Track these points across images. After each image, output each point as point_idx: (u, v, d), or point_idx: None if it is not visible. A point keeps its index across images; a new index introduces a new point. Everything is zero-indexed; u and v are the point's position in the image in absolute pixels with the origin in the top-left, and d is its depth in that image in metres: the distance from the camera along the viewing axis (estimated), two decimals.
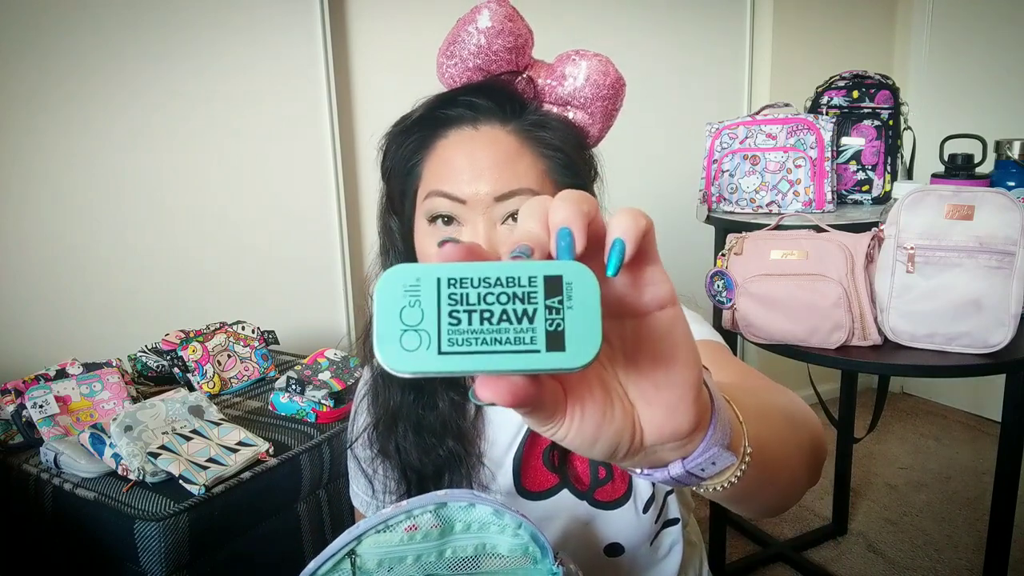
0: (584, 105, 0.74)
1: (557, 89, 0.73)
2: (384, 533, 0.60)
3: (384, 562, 0.60)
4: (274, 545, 1.18)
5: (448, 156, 0.70)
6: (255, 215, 1.78)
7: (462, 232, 0.70)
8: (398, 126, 0.75)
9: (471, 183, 0.68)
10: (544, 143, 0.71)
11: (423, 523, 0.60)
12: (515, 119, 0.71)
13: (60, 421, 1.20)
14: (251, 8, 1.70)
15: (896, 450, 2.49)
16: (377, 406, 0.81)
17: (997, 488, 1.28)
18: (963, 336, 1.12)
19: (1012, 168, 1.42)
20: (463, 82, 0.73)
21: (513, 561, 0.61)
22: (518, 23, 0.72)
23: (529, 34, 0.73)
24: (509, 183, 0.68)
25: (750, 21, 2.45)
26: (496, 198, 0.68)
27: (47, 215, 1.55)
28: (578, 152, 0.74)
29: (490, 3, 0.71)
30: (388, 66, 1.90)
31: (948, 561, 1.89)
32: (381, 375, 0.80)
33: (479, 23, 0.70)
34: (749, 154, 1.68)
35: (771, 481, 0.45)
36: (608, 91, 0.73)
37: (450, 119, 0.71)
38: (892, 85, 1.72)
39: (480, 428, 0.80)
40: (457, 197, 0.69)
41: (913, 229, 1.14)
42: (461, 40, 0.71)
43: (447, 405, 0.77)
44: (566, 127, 0.73)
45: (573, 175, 0.72)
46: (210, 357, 1.42)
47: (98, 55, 1.55)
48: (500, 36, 0.71)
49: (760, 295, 1.22)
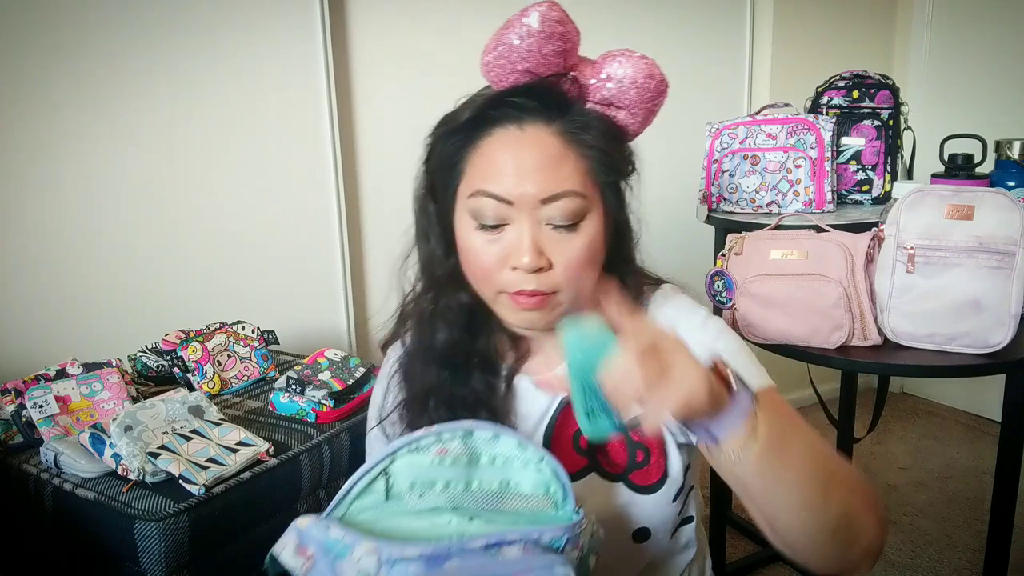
0: (627, 106, 0.75)
1: (601, 90, 0.74)
2: (415, 454, 0.62)
3: (415, 485, 0.62)
4: (274, 545, 1.18)
5: (494, 155, 0.71)
6: (255, 215, 1.78)
7: (507, 231, 0.72)
8: (445, 126, 0.76)
9: (518, 185, 0.70)
10: (587, 144, 0.72)
11: (452, 449, 0.63)
12: (560, 118, 0.72)
13: (60, 421, 1.20)
14: (251, 8, 1.70)
15: (896, 450, 2.49)
16: (412, 383, 0.82)
17: (997, 488, 1.28)
18: (963, 336, 1.12)
19: (1012, 168, 1.42)
20: (510, 82, 0.73)
21: (536, 501, 0.63)
22: (568, 26, 0.72)
23: (577, 35, 0.73)
24: (555, 186, 0.70)
25: (750, 21, 2.45)
26: (542, 200, 0.70)
27: (47, 215, 1.55)
28: (619, 149, 0.76)
29: (541, 5, 0.70)
30: (388, 67, 1.90)
31: (948, 561, 1.89)
32: (417, 353, 0.81)
33: (530, 26, 0.70)
34: (749, 154, 1.68)
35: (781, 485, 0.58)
36: (652, 93, 0.74)
37: (495, 118, 0.72)
38: (892, 85, 1.72)
39: (511, 404, 0.81)
40: (504, 198, 0.70)
41: (913, 229, 1.14)
42: (509, 41, 0.71)
43: (479, 382, 0.79)
44: (609, 127, 0.74)
45: (613, 172, 0.75)
46: (210, 357, 1.42)
47: (98, 56, 1.55)
48: (550, 41, 0.71)
49: (760, 295, 1.22)
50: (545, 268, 0.72)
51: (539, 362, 0.83)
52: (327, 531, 0.59)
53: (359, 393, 1.37)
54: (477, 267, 0.74)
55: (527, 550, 0.57)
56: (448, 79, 1.96)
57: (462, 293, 0.79)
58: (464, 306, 0.79)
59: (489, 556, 0.56)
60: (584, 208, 0.72)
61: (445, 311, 0.79)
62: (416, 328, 0.82)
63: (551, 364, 0.82)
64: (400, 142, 1.95)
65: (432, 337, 0.80)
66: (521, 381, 0.82)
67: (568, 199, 0.70)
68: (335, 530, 0.58)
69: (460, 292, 0.79)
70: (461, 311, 0.79)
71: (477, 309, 0.79)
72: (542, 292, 0.72)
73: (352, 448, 1.29)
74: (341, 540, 0.57)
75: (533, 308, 0.73)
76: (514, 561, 0.57)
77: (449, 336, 0.79)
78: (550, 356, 0.82)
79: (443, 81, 1.95)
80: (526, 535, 0.57)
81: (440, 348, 0.80)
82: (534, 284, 0.72)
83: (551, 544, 0.59)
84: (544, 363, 0.82)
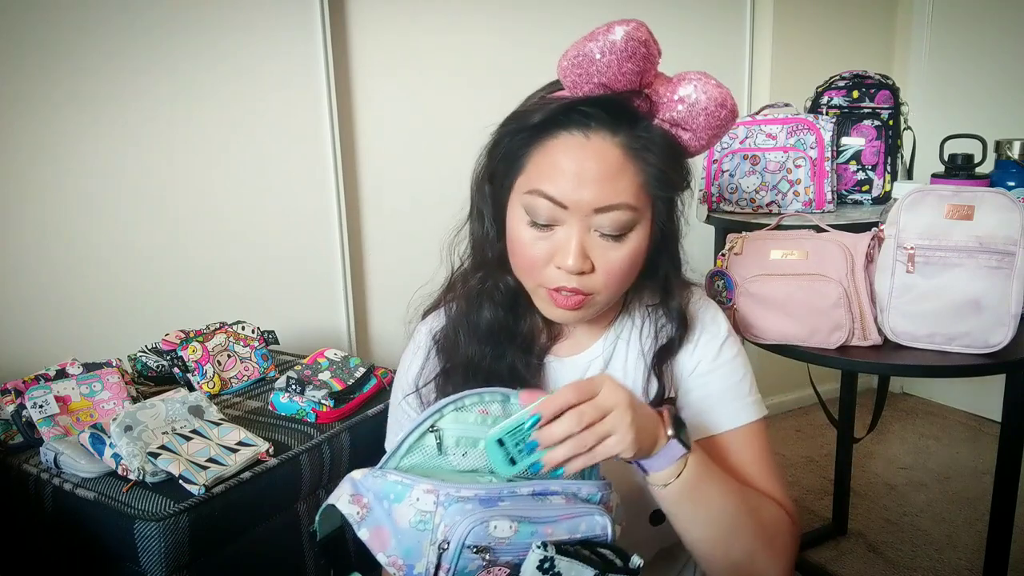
0: (694, 129, 0.75)
1: (672, 111, 0.74)
2: (461, 412, 0.67)
3: (461, 442, 0.67)
4: (274, 545, 1.18)
5: (556, 158, 0.73)
6: (255, 215, 1.78)
7: (557, 231, 0.75)
8: (515, 123, 0.77)
9: (575, 191, 0.72)
10: (648, 160, 0.74)
11: (493, 411, 0.67)
12: (625, 131, 0.74)
13: (60, 421, 1.20)
14: (251, 8, 1.70)
15: (896, 450, 2.49)
16: (453, 354, 0.86)
17: (997, 488, 1.28)
18: (963, 336, 1.12)
19: (1012, 168, 1.42)
20: (585, 92, 0.74)
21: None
22: (651, 48, 0.72)
23: (659, 55, 0.74)
24: (611, 197, 0.72)
25: (750, 21, 2.45)
26: (596, 209, 0.73)
27: (47, 215, 1.55)
28: (676, 168, 0.77)
29: (628, 24, 0.70)
30: (388, 67, 1.90)
31: (948, 561, 1.89)
32: (461, 327, 0.86)
33: (613, 43, 0.70)
34: (749, 154, 1.68)
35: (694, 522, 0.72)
36: (721, 121, 0.75)
37: (563, 122, 0.74)
38: (892, 85, 1.72)
39: (541, 381, 0.87)
40: (560, 202, 0.73)
41: (913, 229, 1.14)
42: (590, 53, 0.71)
43: (517, 359, 0.84)
44: (671, 145, 0.76)
45: (669, 188, 0.77)
46: (210, 357, 1.42)
47: (98, 56, 1.55)
48: (631, 60, 0.71)
49: (760, 295, 1.22)
50: (587, 272, 0.75)
51: (569, 344, 0.89)
52: (384, 478, 0.63)
53: (359, 393, 1.37)
54: (523, 258, 0.78)
55: (569, 501, 0.64)
56: (448, 79, 1.97)
57: (509, 276, 0.83)
58: (510, 288, 0.83)
59: (537, 500, 0.62)
60: (634, 221, 0.75)
61: (492, 291, 0.84)
62: (463, 303, 0.86)
63: (579, 346, 0.88)
64: (400, 142, 1.96)
65: (478, 314, 0.84)
66: (552, 361, 0.88)
67: (620, 211, 0.73)
68: (392, 475, 0.63)
69: (508, 275, 0.83)
70: (507, 292, 0.83)
71: (521, 292, 0.83)
72: (581, 292, 0.76)
73: (352, 448, 1.29)
74: (400, 483, 0.63)
75: (569, 308, 0.77)
76: (558, 506, 0.63)
77: (494, 315, 0.84)
78: (579, 339, 0.88)
79: (443, 81, 1.96)
80: (566, 487, 0.64)
81: (485, 325, 0.84)
82: (575, 283, 0.75)
83: (588, 498, 0.65)
84: (573, 345, 0.88)
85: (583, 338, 0.88)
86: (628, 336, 0.87)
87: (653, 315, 0.87)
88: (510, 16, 2.01)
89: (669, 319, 0.85)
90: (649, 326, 0.87)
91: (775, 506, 0.80)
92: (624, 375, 0.86)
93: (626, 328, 0.88)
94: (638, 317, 0.88)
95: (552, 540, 0.60)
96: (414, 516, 0.61)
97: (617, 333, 0.88)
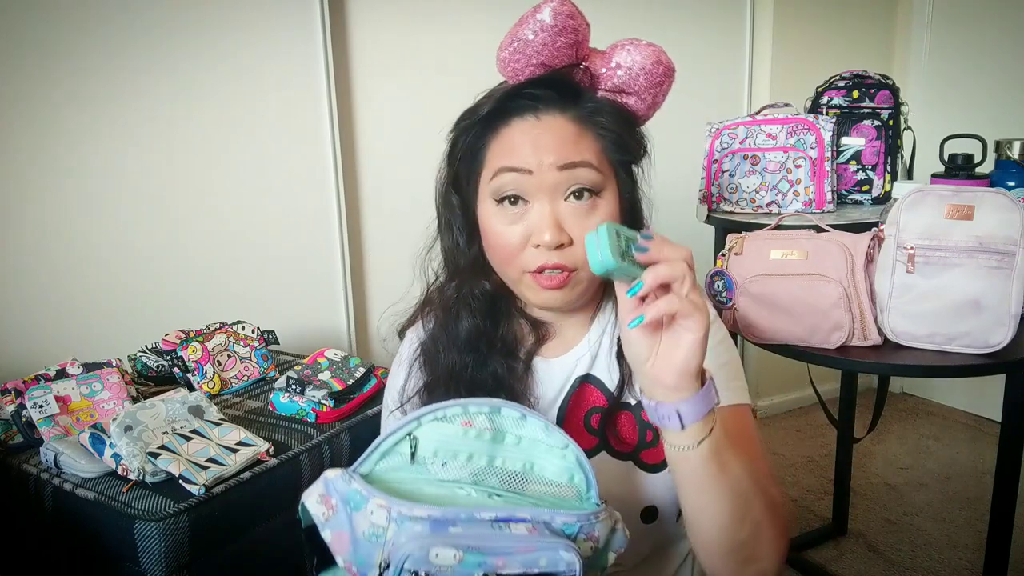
0: (637, 91, 0.78)
1: (612, 78, 0.78)
2: (441, 423, 0.65)
3: (439, 452, 0.64)
4: (274, 545, 1.18)
5: (513, 139, 0.76)
6: (255, 215, 1.78)
7: (528, 212, 0.75)
8: (466, 120, 0.79)
9: (535, 155, 0.74)
10: (600, 126, 0.76)
11: (478, 423, 0.65)
12: (573, 106, 0.76)
13: (60, 421, 1.20)
14: (251, 8, 1.70)
15: (896, 450, 2.49)
16: (434, 366, 0.85)
17: (997, 488, 1.28)
18: (963, 336, 1.12)
19: (1012, 168, 1.42)
20: (526, 75, 0.77)
21: (560, 489, 0.65)
22: (579, 20, 0.76)
23: (587, 28, 0.77)
24: (571, 156, 0.74)
25: (750, 21, 2.45)
26: (560, 167, 0.73)
27: (47, 215, 1.55)
28: (630, 132, 0.80)
29: (552, 1, 0.74)
30: (388, 67, 1.90)
31: (948, 561, 1.89)
32: (440, 338, 0.85)
33: (543, 21, 0.74)
34: (749, 154, 1.68)
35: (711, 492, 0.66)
36: (659, 78, 0.78)
37: (513, 109, 0.76)
38: (892, 85, 1.72)
39: (528, 385, 0.85)
40: (523, 168, 0.74)
41: (913, 229, 1.14)
42: (524, 36, 0.75)
43: (499, 365, 0.83)
44: (620, 111, 0.78)
45: (627, 153, 0.79)
46: (210, 357, 1.42)
47: (98, 56, 1.55)
48: (563, 34, 0.75)
49: (760, 295, 1.22)
50: (566, 244, 0.75)
51: (555, 344, 0.87)
52: (349, 483, 0.62)
53: (359, 393, 1.37)
54: (500, 248, 0.78)
55: (535, 530, 0.59)
56: (448, 79, 1.97)
57: (484, 281, 0.83)
58: (486, 293, 0.83)
59: (495, 529, 0.58)
60: (601, 182, 0.76)
61: (468, 298, 0.83)
62: (440, 315, 0.86)
63: (566, 345, 0.86)
64: (400, 142, 1.96)
65: (456, 323, 0.84)
66: (539, 363, 0.87)
67: (585, 168, 0.74)
68: (355, 483, 0.62)
69: (482, 280, 0.83)
70: (484, 298, 0.83)
71: (499, 296, 0.83)
72: (564, 267, 0.76)
73: (352, 448, 1.29)
74: (359, 492, 0.61)
75: (555, 288, 0.77)
76: (519, 537, 0.58)
77: (472, 322, 0.83)
78: (565, 338, 0.87)
79: (443, 81, 1.96)
80: (537, 516, 0.59)
81: (463, 334, 0.84)
82: (556, 259, 0.75)
83: (562, 529, 0.60)
84: (559, 345, 0.87)
85: (569, 336, 0.87)
86: (613, 330, 0.87)
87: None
88: (510, 16, 2.01)
89: None
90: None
91: (777, 486, 0.77)
92: (609, 371, 0.85)
93: (609, 322, 0.87)
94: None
95: (503, 573, 0.56)
96: (368, 528, 0.60)
97: (602, 327, 0.87)
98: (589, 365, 0.86)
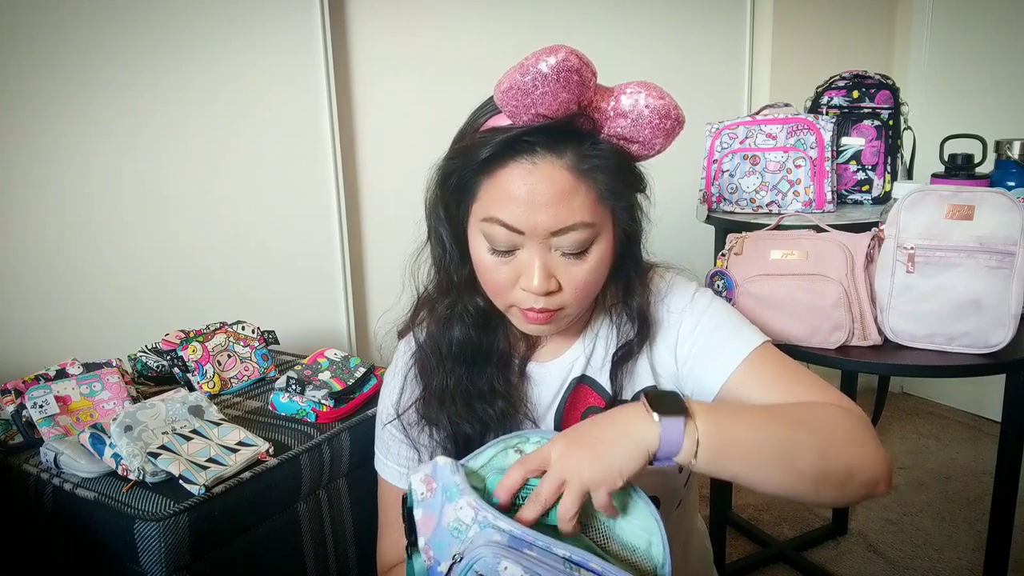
0: (642, 141, 0.75)
1: (616, 126, 0.74)
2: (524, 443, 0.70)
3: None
4: (274, 545, 1.18)
5: (507, 186, 0.73)
6: (255, 215, 1.78)
7: (518, 254, 0.76)
8: (461, 159, 0.77)
9: (530, 216, 0.72)
10: (597, 177, 0.74)
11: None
12: (570, 153, 0.73)
13: (60, 421, 1.20)
14: (251, 8, 1.70)
15: (896, 450, 2.49)
16: (429, 379, 0.86)
17: (997, 488, 1.28)
18: (963, 336, 1.12)
19: (1012, 168, 1.42)
20: (524, 121, 0.73)
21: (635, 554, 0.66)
22: (584, 73, 0.70)
23: (594, 77, 0.72)
24: (565, 219, 0.73)
25: (750, 21, 2.45)
26: (553, 232, 0.73)
27: (47, 215, 1.55)
28: (629, 176, 0.78)
29: (558, 52, 0.68)
30: (389, 67, 1.90)
31: (948, 561, 1.89)
32: (434, 351, 0.86)
33: (545, 75, 0.68)
34: (749, 154, 1.68)
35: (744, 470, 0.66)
36: (668, 131, 0.75)
37: (509, 152, 0.73)
38: (892, 85, 1.72)
39: (525, 389, 0.87)
40: (516, 228, 0.73)
41: (913, 229, 1.14)
42: (523, 86, 0.70)
43: (495, 375, 0.85)
44: (621, 158, 0.76)
45: (624, 197, 0.78)
46: (210, 357, 1.42)
47: (97, 56, 1.55)
48: (566, 90, 0.70)
49: (760, 295, 1.22)
50: (554, 291, 0.76)
51: (549, 348, 0.89)
52: (453, 474, 0.65)
53: (359, 393, 1.37)
54: (490, 283, 0.79)
55: None
56: (448, 79, 1.97)
57: (478, 298, 0.84)
58: (480, 309, 0.84)
59: (565, 567, 0.59)
60: (593, 236, 0.75)
61: (463, 314, 0.84)
62: (434, 328, 0.87)
63: (560, 349, 0.89)
64: (400, 142, 1.95)
65: (449, 336, 0.85)
66: (533, 368, 0.88)
67: (577, 231, 0.74)
68: (457, 476, 0.65)
69: (476, 296, 0.84)
70: (478, 313, 0.84)
71: (492, 310, 0.84)
72: (550, 310, 0.77)
73: (352, 448, 1.29)
74: (457, 486, 0.64)
75: (542, 322, 0.78)
76: None
77: (465, 335, 0.84)
78: (559, 343, 0.89)
79: (443, 81, 1.96)
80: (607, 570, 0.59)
81: (458, 348, 0.84)
82: (543, 304, 0.76)
83: None
84: (554, 349, 0.89)
85: (562, 340, 0.89)
86: (607, 334, 0.88)
87: (625, 312, 0.88)
88: (510, 16, 2.01)
89: (629, 318, 0.86)
90: (626, 320, 0.87)
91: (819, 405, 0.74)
92: (603, 375, 0.87)
93: (604, 326, 0.88)
94: (614, 313, 0.88)
95: None
96: (453, 521, 0.63)
97: (595, 331, 0.88)
98: (584, 367, 0.87)
